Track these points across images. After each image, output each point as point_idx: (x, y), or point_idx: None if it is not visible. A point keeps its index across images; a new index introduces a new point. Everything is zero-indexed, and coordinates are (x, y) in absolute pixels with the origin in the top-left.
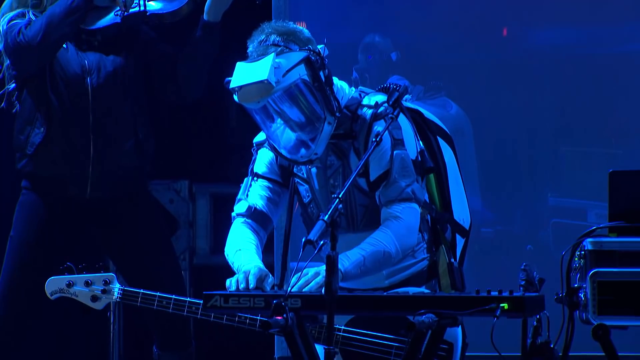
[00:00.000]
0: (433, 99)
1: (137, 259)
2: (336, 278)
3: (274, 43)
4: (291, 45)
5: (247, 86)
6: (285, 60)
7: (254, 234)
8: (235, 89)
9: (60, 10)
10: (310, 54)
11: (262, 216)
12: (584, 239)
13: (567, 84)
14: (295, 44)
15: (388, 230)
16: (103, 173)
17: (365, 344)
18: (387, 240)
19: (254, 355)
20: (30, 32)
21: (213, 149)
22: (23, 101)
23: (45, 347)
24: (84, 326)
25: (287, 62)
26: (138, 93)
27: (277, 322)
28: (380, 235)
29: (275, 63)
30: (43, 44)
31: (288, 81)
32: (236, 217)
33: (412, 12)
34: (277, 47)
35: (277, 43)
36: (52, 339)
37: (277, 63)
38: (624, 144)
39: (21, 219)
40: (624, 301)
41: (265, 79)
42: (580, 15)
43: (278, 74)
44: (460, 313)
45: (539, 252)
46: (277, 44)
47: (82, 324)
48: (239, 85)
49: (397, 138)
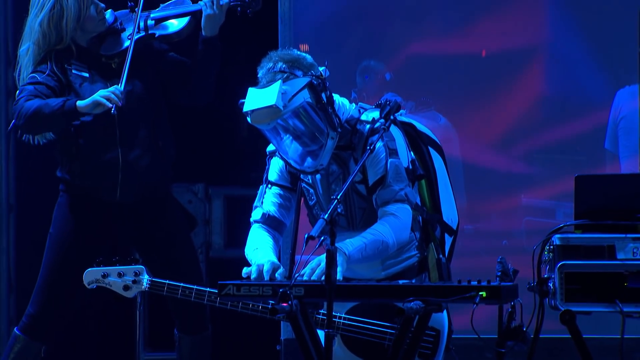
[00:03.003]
0: (424, 112)
1: (161, 252)
2: (335, 269)
3: (280, 70)
4: (296, 72)
5: (258, 110)
6: (291, 87)
7: (269, 236)
8: (247, 112)
9: (46, 113)
10: (312, 79)
11: (275, 221)
12: (553, 235)
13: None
14: (300, 69)
15: (386, 224)
16: (130, 179)
17: (363, 330)
18: (386, 232)
19: (263, 337)
20: (23, 110)
21: (226, 156)
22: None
23: (81, 330)
24: (113, 311)
25: (292, 88)
26: (157, 107)
27: (283, 308)
28: (380, 227)
29: (282, 89)
30: (25, 126)
31: (294, 105)
32: (253, 223)
33: (403, 38)
34: (284, 73)
35: (284, 70)
36: (86, 322)
37: (284, 89)
38: (587, 152)
39: (59, 218)
40: (588, 290)
41: (274, 104)
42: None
43: (285, 99)
44: (444, 300)
45: (513, 246)
46: (283, 70)
47: (111, 309)
48: (251, 109)
49: (392, 148)
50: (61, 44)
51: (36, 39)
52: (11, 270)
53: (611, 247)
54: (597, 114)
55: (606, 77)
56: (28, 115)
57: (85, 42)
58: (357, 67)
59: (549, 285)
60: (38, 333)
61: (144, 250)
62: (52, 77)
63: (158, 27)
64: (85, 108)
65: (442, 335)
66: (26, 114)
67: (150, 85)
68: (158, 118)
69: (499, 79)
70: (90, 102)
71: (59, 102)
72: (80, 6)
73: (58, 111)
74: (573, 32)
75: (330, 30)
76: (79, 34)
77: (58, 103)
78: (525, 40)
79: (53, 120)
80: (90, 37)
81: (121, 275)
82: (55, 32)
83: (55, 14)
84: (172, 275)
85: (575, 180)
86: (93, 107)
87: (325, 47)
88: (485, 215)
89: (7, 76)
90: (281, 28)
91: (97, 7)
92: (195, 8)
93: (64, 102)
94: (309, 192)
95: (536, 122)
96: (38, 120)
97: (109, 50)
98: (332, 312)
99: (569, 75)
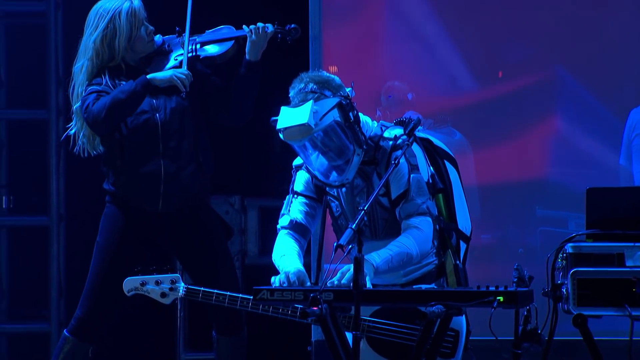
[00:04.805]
0: (441, 128)
1: (201, 259)
2: (362, 276)
3: (311, 90)
4: (325, 92)
5: (290, 128)
6: (321, 106)
7: (295, 242)
8: (281, 129)
9: (123, 97)
10: (342, 100)
11: (301, 227)
12: (565, 244)
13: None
14: (329, 90)
15: (410, 236)
16: (172, 191)
17: (386, 331)
18: (410, 244)
19: (295, 339)
20: (95, 109)
21: (261, 169)
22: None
23: (125, 331)
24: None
25: (322, 107)
26: (198, 123)
27: (314, 312)
28: (404, 239)
29: (313, 108)
30: (105, 121)
31: (324, 123)
32: (280, 230)
33: (423, 60)
34: (314, 94)
35: (314, 90)
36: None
37: (315, 109)
38: (598, 166)
39: (105, 227)
40: (599, 295)
41: (306, 122)
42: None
43: (316, 118)
44: (464, 304)
45: (529, 254)
46: (314, 91)
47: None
48: (284, 126)
49: (413, 164)
50: (112, 62)
51: (90, 56)
52: (61, 276)
53: (620, 255)
54: (611, 131)
55: (618, 98)
56: (106, 108)
57: (134, 62)
58: (382, 87)
59: (562, 290)
60: (86, 335)
61: (184, 257)
62: (108, 87)
63: (202, 49)
64: (159, 82)
65: (461, 335)
66: (103, 108)
67: (192, 103)
68: (199, 134)
69: (514, 98)
70: (166, 77)
71: (130, 83)
72: (132, 27)
73: (134, 90)
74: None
75: (357, 52)
76: (129, 53)
77: (129, 85)
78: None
79: (132, 101)
80: (139, 57)
81: (158, 284)
82: (107, 50)
83: (109, 33)
84: (210, 281)
85: (587, 192)
86: (167, 83)
87: (352, 68)
88: (502, 226)
89: (58, 95)
90: (312, 50)
91: (147, 29)
92: (238, 33)
93: (135, 82)
94: (334, 204)
95: (548, 138)
96: (119, 107)
97: (156, 69)
98: (360, 315)
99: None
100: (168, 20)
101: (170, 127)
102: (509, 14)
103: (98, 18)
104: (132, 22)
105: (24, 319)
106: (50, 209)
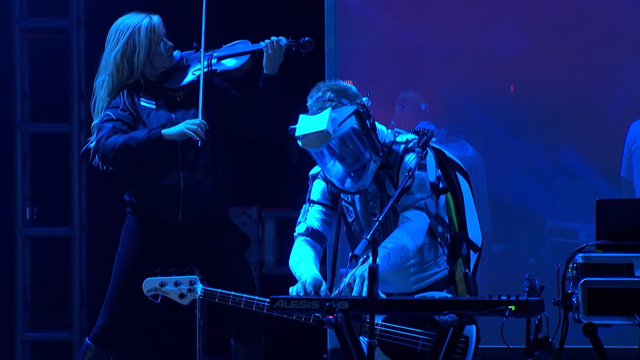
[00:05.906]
0: (454, 142)
1: (219, 269)
2: (377, 285)
3: (329, 99)
4: (342, 100)
5: (309, 135)
6: (339, 114)
7: (312, 249)
8: (299, 136)
9: (133, 145)
10: (359, 107)
11: (317, 234)
12: (576, 254)
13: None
14: (346, 98)
15: (402, 229)
16: (191, 203)
17: (398, 336)
18: (402, 237)
19: (311, 347)
20: (106, 146)
21: (278, 181)
22: None
23: (145, 338)
24: (175, 322)
25: (340, 115)
26: (216, 136)
27: (329, 320)
28: (397, 233)
29: (331, 116)
30: (112, 161)
31: (342, 130)
32: (297, 237)
33: (436, 72)
34: (332, 102)
35: (332, 99)
36: (151, 332)
37: (333, 116)
38: (607, 178)
39: (125, 238)
40: (609, 304)
41: (324, 129)
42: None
43: (334, 125)
44: (476, 313)
45: (540, 264)
46: (331, 99)
47: (173, 321)
48: (302, 134)
49: (422, 163)
50: (132, 78)
51: (111, 71)
52: (83, 285)
53: (630, 265)
54: (615, 142)
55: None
56: (115, 149)
57: (154, 77)
58: (396, 98)
59: (572, 299)
60: (107, 342)
61: (203, 268)
62: (125, 111)
63: (219, 63)
64: (171, 137)
65: (470, 341)
66: (112, 149)
67: (210, 117)
68: (217, 147)
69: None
70: (177, 131)
71: (144, 133)
72: (151, 42)
73: (145, 142)
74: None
75: (372, 64)
76: (149, 69)
77: (143, 135)
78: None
79: (140, 150)
80: (158, 72)
81: (177, 284)
82: (127, 66)
83: (129, 48)
84: (229, 290)
85: (597, 204)
86: (180, 137)
87: (367, 79)
88: (514, 237)
89: (80, 109)
90: (327, 63)
91: (165, 45)
92: (254, 47)
93: (149, 133)
94: (348, 210)
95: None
96: (127, 153)
97: (175, 84)
98: (374, 324)
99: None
100: (187, 37)
101: (188, 141)
102: (523, 29)
103: (118, 34)
104: (152, 37)
105: (46, 328)
106: (72, 220)
